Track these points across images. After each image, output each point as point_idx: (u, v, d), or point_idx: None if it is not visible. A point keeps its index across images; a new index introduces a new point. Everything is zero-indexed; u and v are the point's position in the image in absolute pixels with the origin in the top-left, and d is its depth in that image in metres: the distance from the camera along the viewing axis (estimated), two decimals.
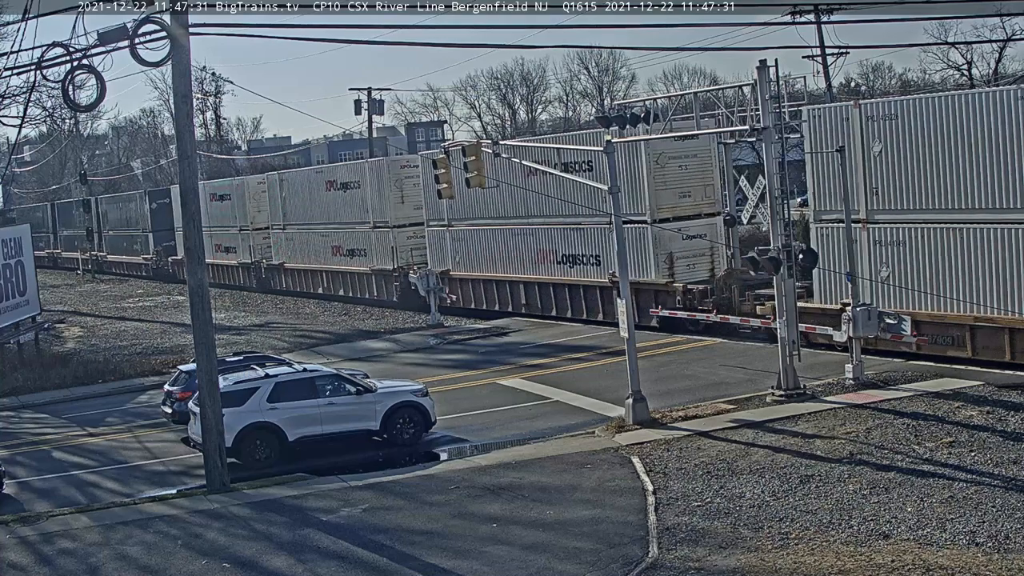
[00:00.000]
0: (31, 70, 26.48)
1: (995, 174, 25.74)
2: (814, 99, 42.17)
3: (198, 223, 22.62)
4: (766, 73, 24.64)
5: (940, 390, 24.08)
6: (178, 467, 25.03)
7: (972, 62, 72.69)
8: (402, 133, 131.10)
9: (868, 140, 28.41)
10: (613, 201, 25.01)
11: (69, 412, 32.33)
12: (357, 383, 25.22)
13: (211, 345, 22.37)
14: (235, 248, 65.29)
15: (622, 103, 34.20)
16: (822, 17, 51.49)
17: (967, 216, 26.55)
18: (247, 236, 63.93)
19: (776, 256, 24.71)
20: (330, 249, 55.51)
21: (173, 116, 26.25)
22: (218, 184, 70.48)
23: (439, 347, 38.43)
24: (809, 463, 19.80)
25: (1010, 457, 19.05)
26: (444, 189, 30.09)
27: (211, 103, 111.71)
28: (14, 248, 40.98)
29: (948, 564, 14.72)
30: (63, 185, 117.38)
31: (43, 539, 19.54)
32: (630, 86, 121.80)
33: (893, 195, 28.17)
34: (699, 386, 27.50)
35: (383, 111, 71.84)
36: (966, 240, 26.59)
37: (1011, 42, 66.73)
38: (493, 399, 28.82)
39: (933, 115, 26.96)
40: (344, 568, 16.87)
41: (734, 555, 15.83)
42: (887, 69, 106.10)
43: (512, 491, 19.95)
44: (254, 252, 62.96)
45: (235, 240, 65.25)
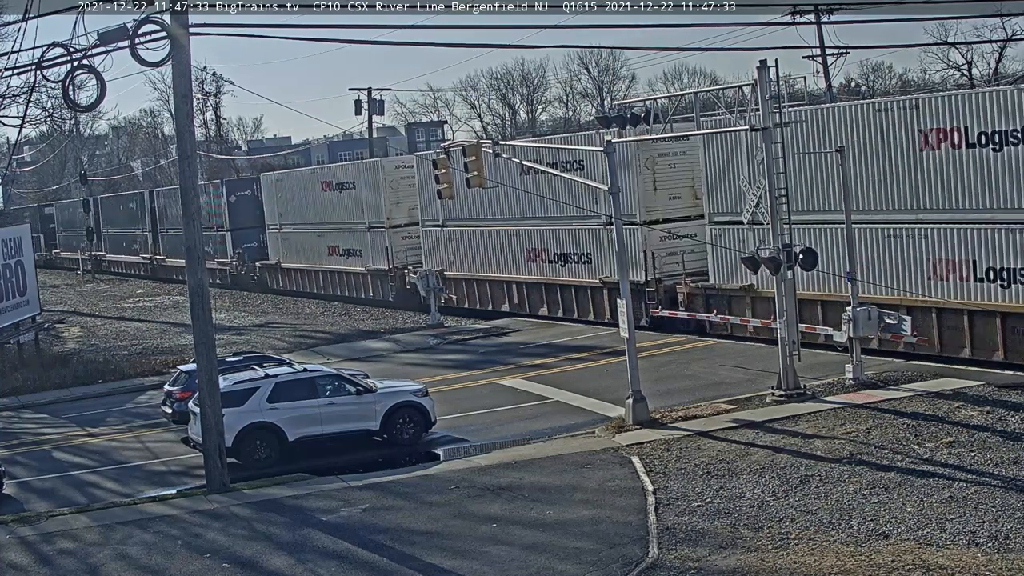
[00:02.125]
0: (31, 70, 26.58)
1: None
2: (814, 99, 42.16)
3: (198, 223, 22.69)
4: (766, 73, 24.63)
5: (940, 390, 24.07)
6: (178, 467, 25.03)
7: (972, 62, 72.80)
8: (402, 133, 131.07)
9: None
10: (613, 201, 25.02)
11: (69, 412, 32.33)
12: (357, 383, 25.22)
13: (211, 345, 22.38)
14: (360, 251, 52.89)
15: (622, 103, 34.17)
16: (822, 17, 51.53)
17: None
18: (379, 236, 51.18)
19: (776, 256, 24.71)
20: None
21: (173, 116, 26.26)
22: (335, 169, 58.79)
23: (439, 347, 38.43)
24: (809, 463, 19.80)
25: (1010, 457, 19.05)
26: (444, 189, 30.10)
27: (211, 103, 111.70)
28: (14, 248, 41.00)
29: (948, 564, 14.71)
30: (63, 185, 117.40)
31: (43, 539, 19.54)
32: (630, 86, 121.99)
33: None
34: (699, 386, 27.49)
35: (383, 111, 71.75)
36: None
37: (1011, 42, 66.81)
38: (493, 399, 28.82)
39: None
40: (344, 568, 16.87)
41: (734, 555, 15.83)
42: (887, 69, 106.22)
43: (512, 491, 19.95)
44: (393, 256, 50.32)
45: (360, 240, 52.63)
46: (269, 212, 60.67)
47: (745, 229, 31.79)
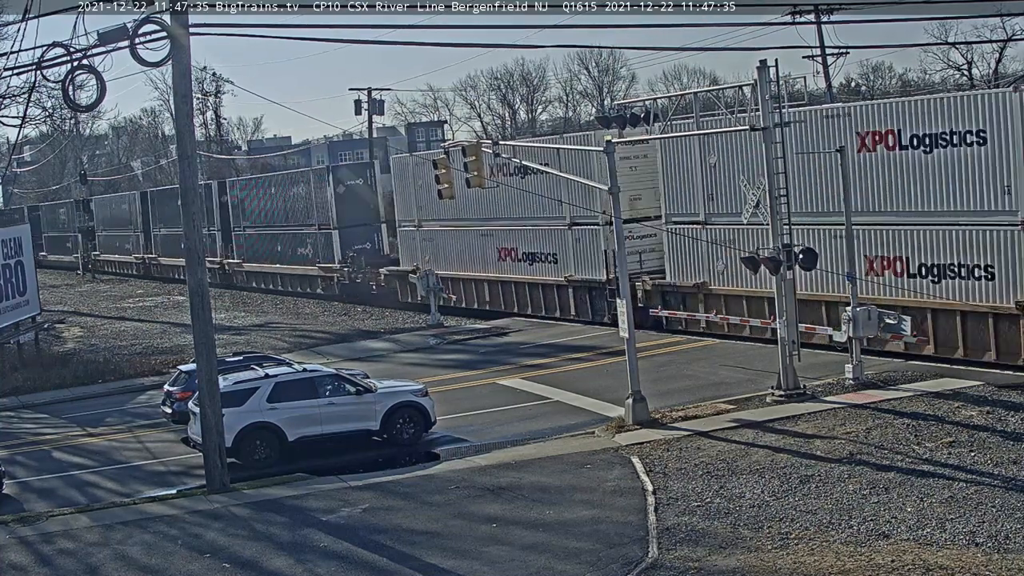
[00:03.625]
0: (31, 70, 26.52)
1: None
2: (814, 99, 42.15)
3: (198, 223, 22.64)
4: (766, 73, 24.62)
5: (940, 390, 24.08)
6: (178, 467, 25.02)
7: (972, 62, 72.81)
8: (402, 133, 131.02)
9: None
10: (613, 202, 25.03)
11: (69, 412, 32.33)
12: (357, 383, 25.22)
13: (211, 345, 22.38)
14: (553, 255, 40.75)
15: (622, 103, 34.09)
16: (822, 17, 51.53)
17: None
18: (586, 235, 39.22)
19: (776, 256, 24.71)
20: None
21: (173, 116, 26.26)
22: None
23: (439, 347, 38.43)
24: (809, 463, 19.80)
25: (1010, 457, 19.05)
26: (444, 189, 30.09)
27: (211, 103, 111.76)
28: (14, 248, 41.01)
29: (948, 564, 14.72)
30: (63, 185, 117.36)
31: (43, 539, 19.54)
32: (630, 86, 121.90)
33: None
34: (699, 386, 27.50)
35: (383, 111, 71.75)
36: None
37: (1011, 42, 66.82)
38: (493, 399, 28.81)
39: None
40: (344, 568, 16.87)
41: (734, 555, 15.83)
42: (887, 69, 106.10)
43: (512, 491, 19.95)
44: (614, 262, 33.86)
45: (553, 241, 40.74)
46: (403, 205, 48.91)
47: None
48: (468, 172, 28.24)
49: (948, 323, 27.62)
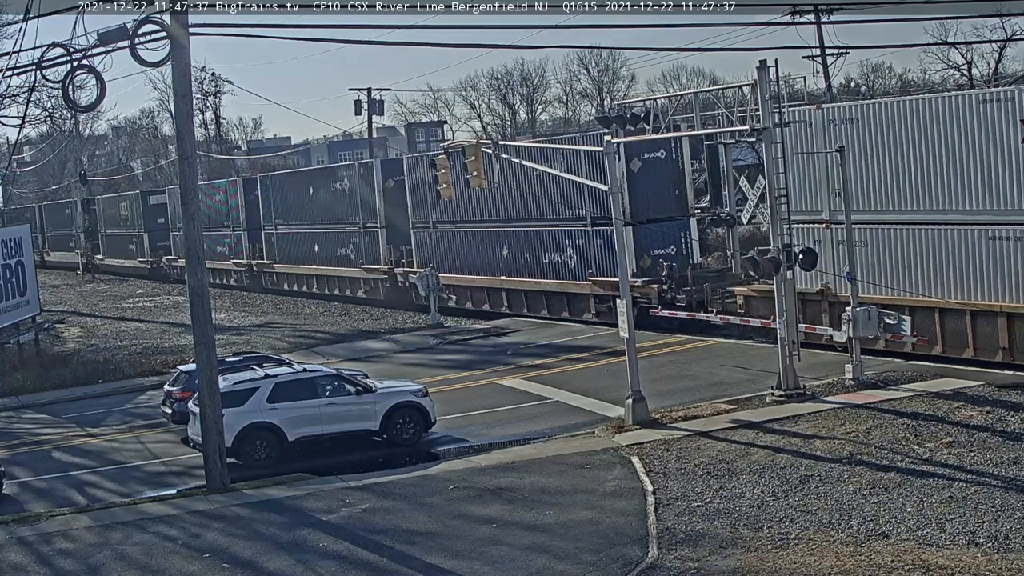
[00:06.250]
0: (31, 70, 26.49)
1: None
2: (814, 99, 42.13)
3: (198, 223, 22.63)
4: (766, 73, 24.62)
5: (940, 390, 24.07)
6: (178, 467, 25.02)
7: (972, 62, 72.75)
8: (402, 133, 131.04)
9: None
10: (613, 202, 25.03)
11: (69, 412, 32.31)
12: (357, 383, 25.22)
13: (211, 345, 22.38)
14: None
15: (622, 103, 34.13)
16: (822, 17, 51.55)
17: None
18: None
19: (776, 256, 24.71)
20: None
21: (173, 116, 26.25)
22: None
23: (439, 347, 38.43)
24: (809, 463, 19.79)
25: (1010, 457, 19.05)
26: (444, 189, 30.10)
27: (211, 103, 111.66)
28: (14, 248, 41.02)
29: (948, 564, 14.71)
30: (63, 185, 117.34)
31: (42, 539, 19.53)
32: (630, 86, 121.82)
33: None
34: (699, 386, 27.49)
35: (383, 111, 71.81)
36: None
37: (1011, 42, 66.79)
38: (493, 399, 28.81)
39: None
40: (344, 568, 16.87)
41: (734, 555, 15.83)
42: (887, 69, 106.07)
43: (512, 492, 19.95)
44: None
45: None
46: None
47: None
48: (468, 172, 28.22)
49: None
